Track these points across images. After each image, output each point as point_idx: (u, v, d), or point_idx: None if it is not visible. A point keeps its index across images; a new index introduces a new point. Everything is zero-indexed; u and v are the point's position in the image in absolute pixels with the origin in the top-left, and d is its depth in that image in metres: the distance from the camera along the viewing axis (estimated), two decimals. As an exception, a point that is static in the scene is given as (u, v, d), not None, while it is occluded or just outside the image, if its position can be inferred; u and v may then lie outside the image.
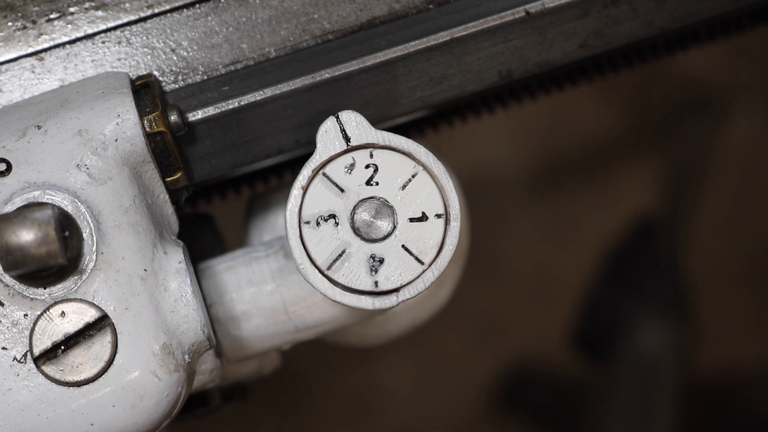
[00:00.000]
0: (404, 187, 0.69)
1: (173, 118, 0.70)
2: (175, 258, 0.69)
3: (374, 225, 0.68)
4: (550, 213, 1.99)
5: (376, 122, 0.76)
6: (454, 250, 0.69)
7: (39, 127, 0.68)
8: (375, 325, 0.86)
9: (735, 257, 1.96)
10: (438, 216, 0.69)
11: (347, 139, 0.69)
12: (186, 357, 0.68)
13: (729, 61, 1.97)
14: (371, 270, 0.68)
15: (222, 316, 0.77)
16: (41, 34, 0.74)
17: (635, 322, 1.80)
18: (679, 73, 1.97)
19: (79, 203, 0.67)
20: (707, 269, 1.94)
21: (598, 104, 1.98)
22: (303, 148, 0.75)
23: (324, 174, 0.68)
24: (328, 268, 0.68)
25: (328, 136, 0.69)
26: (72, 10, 0.74)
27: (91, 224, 0.67)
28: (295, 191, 0.68)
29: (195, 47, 0.75)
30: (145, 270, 0.68)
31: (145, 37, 0.75)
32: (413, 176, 0.69)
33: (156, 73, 0.74)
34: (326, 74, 0.73)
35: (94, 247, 0.67)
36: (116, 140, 0.68)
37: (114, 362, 0.66)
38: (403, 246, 0.68)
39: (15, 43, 0.74)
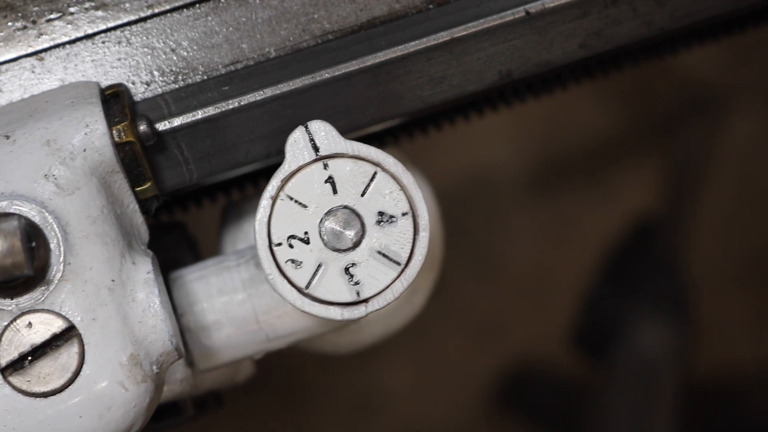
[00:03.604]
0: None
1: (142, 128, 0.70)
2: (144, 268, 0.69)
3: (343, 235, 0.68)
4: (550, 213, 1.99)
5: (375, 123, 0.76)
6: (424, 259, 0.68)
7: (7, 137, 0.68)
8: (349, 333, 0.86)
9: (735, 257, 1.96)
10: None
11: (316, 148, 0.68)
12: (154, 367, 0.68)
13: (729, 61, 1.97)
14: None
15: (193, 326, 0.77)
16: (41, 34, 0.74)
17: (635, 322, 1.80)
18: (679, 73, 1.97)
19: (47, 213, 0.67)
20: (707, 269, 1.94)
21: (598, 104, 1.98)
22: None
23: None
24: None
25: (297, 146, 0.69)
26: (72, 10, 0.74)
27: (59, 235, 0.67)
28: (264, 201, 0.68)
29: (195, 47, 0.75)
30: (113, 280, 0.67)
31: (145, 37, 0.75)
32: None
33: (156, 72, 0.74)
34: (326, 74, 0.73)
35: (62, 258, 0.67)
36: (84, 150, 0.68)
37: (81, 373, 0.66)
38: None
39: (15, 43, 0.74)
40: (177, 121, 0.73)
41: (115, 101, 0.70)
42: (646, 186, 1.99)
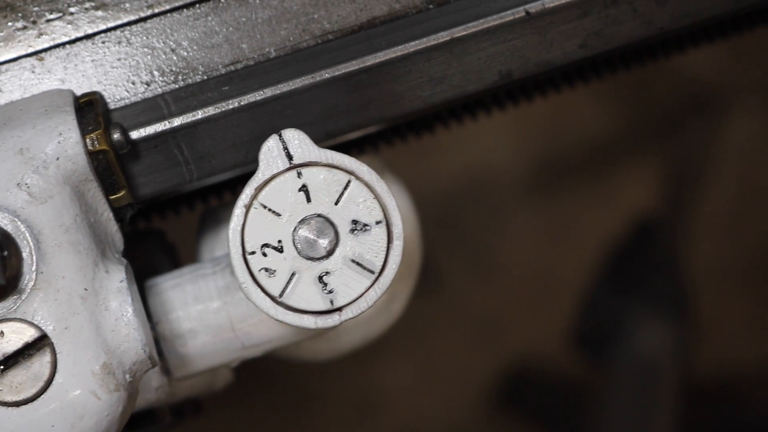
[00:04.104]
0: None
1: (116, 136, 0.70)
2: (117, 277, 0.69)
3: (317, 244, 0.68)
4: (550, 213, 1.99)
5: (375, 123, 0.76)
6: (398, 268, 0.68)
7: None
8: (327, 340, 0.86)
9: (735, 257, 1.96)
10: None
11: (290, 157, 0.68)
12: (127, 376, 0.68)
13: (729, 61, 1.97)
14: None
15: (168, 334, 0.77)
16: (41, 34, 0.74)
17: (635, 322, 1.80)
18: (679, 73, 1.97)
19: (19, 222, 0.67)
20: (707, 269, 1.94)
21: (598, 104, 1.98)
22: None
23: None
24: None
25: (270, 155, 0.68)
26: (72, 10, 0.74)
27: (31, 244, 0.67)
28: (238, 210, 0.68)
29: (195, 47, 0.75)
30: (86, 289, 0.67)
31: (145, 37, 0.75)
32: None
33: (156, 72, 0.74)
34: (326, 74, 0.73)
35: (34, 267, 0.67)
36: (58, 159, 0.68)
37: (53, 382, 0.66)
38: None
39: (15, 43, 0.74)
40: (177, 121, 0.73)
41: (89, 109, 0.70)
42: (646, 186, 1.99)
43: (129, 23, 0.74)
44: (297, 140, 0.68)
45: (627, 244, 1.90)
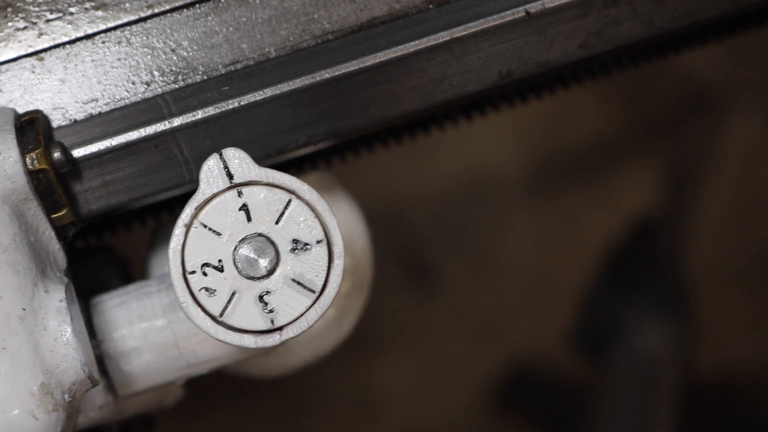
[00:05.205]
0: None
1: (56, 155, 0.69)
2: (57, 296, 0.68)
3: (257, 263, 0.68)
4: (550, 213, 1.99)
5: (375, 123, 0.76)
6: (339, 287, 0.68)
7: None
8: (277, 357, 0.86)
9: (735, 257, 1.96)
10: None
11: (230, 176, 0.68)
12: (66, 396, 0.67)
13: (729, 61, 1.97)
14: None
15: (112, 352, 0.76)
16: (41, 34, 0.74)
17: (635, 322, 1.80)
18: (679, 73, 1.97)
19: None
20: (707, 269, 1.94)
21: (598, 104, 1.98)
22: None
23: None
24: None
25: (211, 174, 0.68)
26: (72, 10, 0.74)
27: None
28: (178, 230, 0.68)
29: (195, 47, 0.75)
30: (24, 309, 0.67)
31: (145, 37, 0.75)
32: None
33: (156, 72, 0.74)
34: (325, 74, 0.73)
35: None
36: None
37: None
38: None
39: (15, 43, 0.74)
40: (177, 121, 0.73)
41: (30, 128, 0.69)
42: (646, 186, 1.99)
43: (129, 23, 0.74)
44: (238, 159, 0.68)
45: (627, 245, 1.90)
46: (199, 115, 0.73)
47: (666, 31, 0.77)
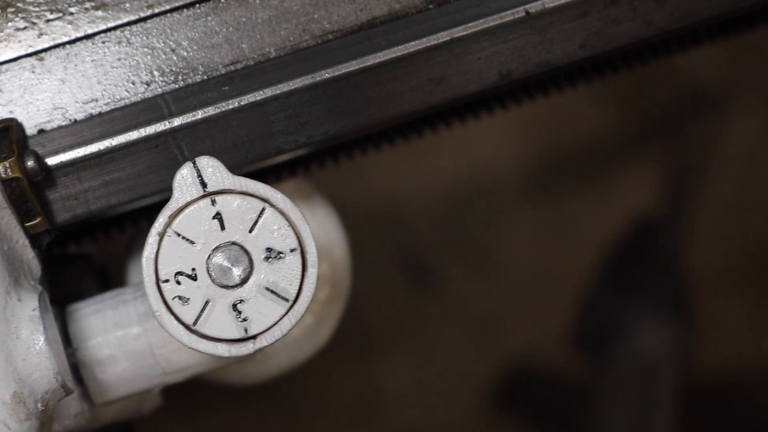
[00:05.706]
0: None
1: (30, 163, 0.69)
2: (30, 305, 0.68)
3: (231, 271, 0.68)
4: (549, 213, 1.99)
5: (375, 123, 0.76)
6: (312, 296, 0.68)
7: None
8: (255, 364, 0.86)
9: (735, 257, 1.96)
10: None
11: (204, 184, 0.68)
12: (39, 405, 0.67)
13: (729, 61, 1.97)
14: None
15: (87, 360, 0.76)
16: (41, 34, 0.74)
17: (635, 322, 1.80)
18: (679, 73, 1.97)
19: None
20: (707, 269, 1.94)
21: (598, 104, 1.98)
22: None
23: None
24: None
25: (185, 182, 0.68)
26: (72, 10, 0.74)
27: None
28: (151, 238, 0.68)
29: (195, 47, 0.75)
30: None
31: (145, 37, 0.75)
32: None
33: (156, 72, 0.74)
34: (326, 74, 0.73)
35: None
36: None
37: None
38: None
39: (15, 43, 0.74)
40: (177, 121, 0.73)
41: (3, 136, 0.69)
42: (646, 186, 1.99)
43: (129, 23, 0.74)
44: (211, 168, 0.68)
45: (627, 244, 1.90)
46: (199, 115, 0.73)
47: (666, 31, 0.77)
